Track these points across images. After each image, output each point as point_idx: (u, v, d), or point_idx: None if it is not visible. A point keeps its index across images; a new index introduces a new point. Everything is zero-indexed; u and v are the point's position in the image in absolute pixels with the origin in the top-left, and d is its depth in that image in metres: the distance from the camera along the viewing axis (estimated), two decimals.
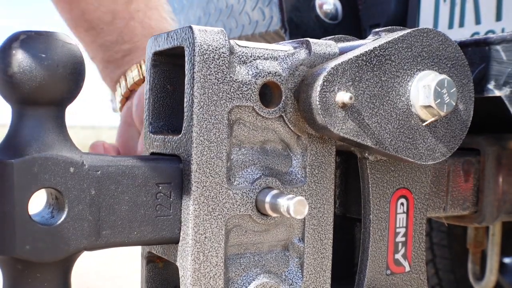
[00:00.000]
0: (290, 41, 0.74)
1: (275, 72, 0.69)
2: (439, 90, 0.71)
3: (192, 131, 0.64)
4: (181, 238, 0.67)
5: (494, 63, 0.79)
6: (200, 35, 0.64)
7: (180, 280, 0.66)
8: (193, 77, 0.64)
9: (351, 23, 1.38)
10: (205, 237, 0.65)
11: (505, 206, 0.98)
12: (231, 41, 0.67)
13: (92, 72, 0.80)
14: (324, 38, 0.78)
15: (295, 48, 0.71)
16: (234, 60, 0.67)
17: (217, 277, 0.66)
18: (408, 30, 0.73)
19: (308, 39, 0.72)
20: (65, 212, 0.60)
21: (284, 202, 0.65)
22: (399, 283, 0.80)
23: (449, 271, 1.92)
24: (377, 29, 0.79)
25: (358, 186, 0.80)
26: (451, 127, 0.76)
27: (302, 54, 0.71)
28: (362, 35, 1.37)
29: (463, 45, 0.81)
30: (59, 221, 0.59)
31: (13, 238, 0.57)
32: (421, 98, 0.72)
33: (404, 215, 0.80)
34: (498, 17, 1.16)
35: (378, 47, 0.70)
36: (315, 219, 0.73)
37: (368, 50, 0.70)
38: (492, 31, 1.17)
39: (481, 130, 0.98)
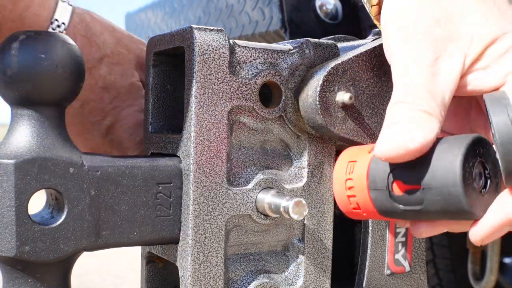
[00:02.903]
0: (290, 41, 0.74)
1: (275, 72, 0.69)
2: None
3: (192, 131, 0.64)
4: (181, 238, 0.67)
5: None
6: (200, 35, 0.64)
7: (180, 280, 0.66)
8: (193, 77, 0.64)
9: (351, 23, 1.38)
10: (205, 237, 0.65)
11: None
12: (231, 41, 0.67)
13: None
14: (324, 38, 0.78)
15: (295, 48, 0.71)
16: (234, 60, 0.67)
17: (217, 277, 0.66)
18: None
19: (308, 39, 0.72)
20: (65, 213, 0.60)
21: (284, 203, 0.65)
22: (399, 283, 0.80)
23: (449, 271, 1.92)
24: (377, 29, 0.78)
25: None
26: None
27: (302, 54, 0.71)
28: (362, 35, 1.36)
29: None
30: (59, 222, 0.60)
31: (13, 238, 0.57)
32: None
33: None
34: None
35: (378, 47, 0.70)
36: (315, 219, 0.73)
37: (368, 50, 0.70)
38: None
39: None
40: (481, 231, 0.52)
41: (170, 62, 0.75)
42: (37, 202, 0.64)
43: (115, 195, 0.63)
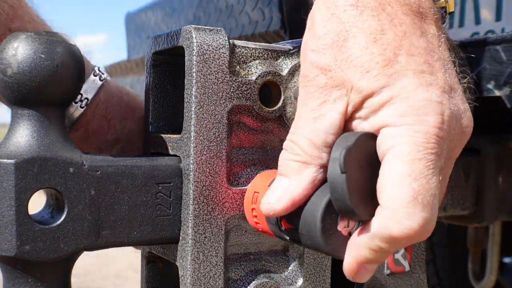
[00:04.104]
0: (290, 41, 0.74)
1: (275, 72, 0.69)
2: None
3: (191, 131, 0.64)
4: (181, 238, 0.67)
5: (494, 63, 0.79)
6: (200, 35, 0.64)
7: (180, 280, 0.66)
8: (193, 77, 0.64)
9: None
10: (205, 237, 0.65)
11: (505, 206, 0.98)
12: (231, 41, 0.67)
13: None
14: None
15: (295, 48, 0.71)
16: (234, 60, 0.67)
17: (217, 277, 0.66)
18: None
19: None
20: (65, 212, 0.60)
21: None
22: (399, 283, 0.80)
23: (449, 271, 1.91)
24: None
25: None
26: None
27: None
28: None
29: (463, 45, 0.81)
30: (59, 221, 0.60)
31: (13, 238, 0.57)
32: None
33: None
34: (498, 17, 1.16)
35: None
36: None
37: None
38: (492, 31, 1.17)
39: (481, 130, 0.98)
40: (347, 272, 0.55)
41: (170, 62, 0.75)
42: (37, 203, 0.64)
43: (115, 195, 0.63)
